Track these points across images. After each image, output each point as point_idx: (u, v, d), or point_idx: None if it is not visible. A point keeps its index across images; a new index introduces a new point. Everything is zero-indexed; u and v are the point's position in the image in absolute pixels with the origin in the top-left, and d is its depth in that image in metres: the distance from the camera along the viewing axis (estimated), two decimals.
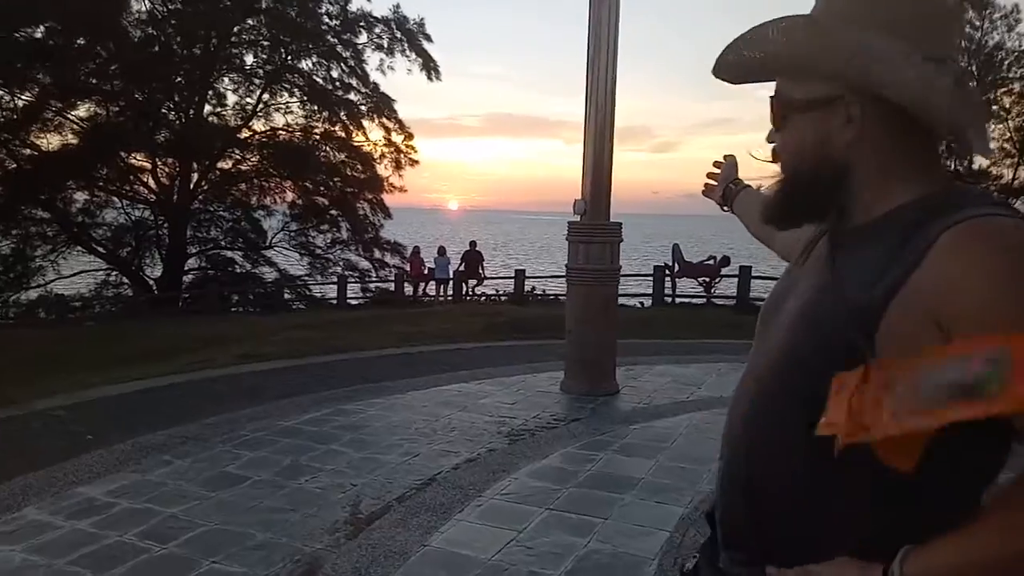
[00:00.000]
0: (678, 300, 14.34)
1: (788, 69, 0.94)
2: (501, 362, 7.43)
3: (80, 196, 19.60)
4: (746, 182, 1.56)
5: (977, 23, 16.05)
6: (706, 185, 1.63)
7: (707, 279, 15.15)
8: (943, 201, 0.86)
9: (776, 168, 0.99)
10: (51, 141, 18.88)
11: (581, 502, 3.54)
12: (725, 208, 1.57)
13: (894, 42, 0.84)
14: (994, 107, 16.09)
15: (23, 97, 17.97)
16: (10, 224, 18.55)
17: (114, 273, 20.27)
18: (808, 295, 0.95)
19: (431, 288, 18.31)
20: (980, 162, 16.55)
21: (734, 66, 0.98)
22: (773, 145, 1.00)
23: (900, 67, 0.84)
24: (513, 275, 15.99)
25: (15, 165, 18.46)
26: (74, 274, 19.80)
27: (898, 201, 0.89)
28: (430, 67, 21.33)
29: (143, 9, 19.44)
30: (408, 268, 19.30)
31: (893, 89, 0.85)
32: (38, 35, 17.61)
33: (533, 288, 17.14)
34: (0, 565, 3.07)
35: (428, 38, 21.38)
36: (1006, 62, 15.97)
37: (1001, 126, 16.38)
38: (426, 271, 18.26)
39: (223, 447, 4.62)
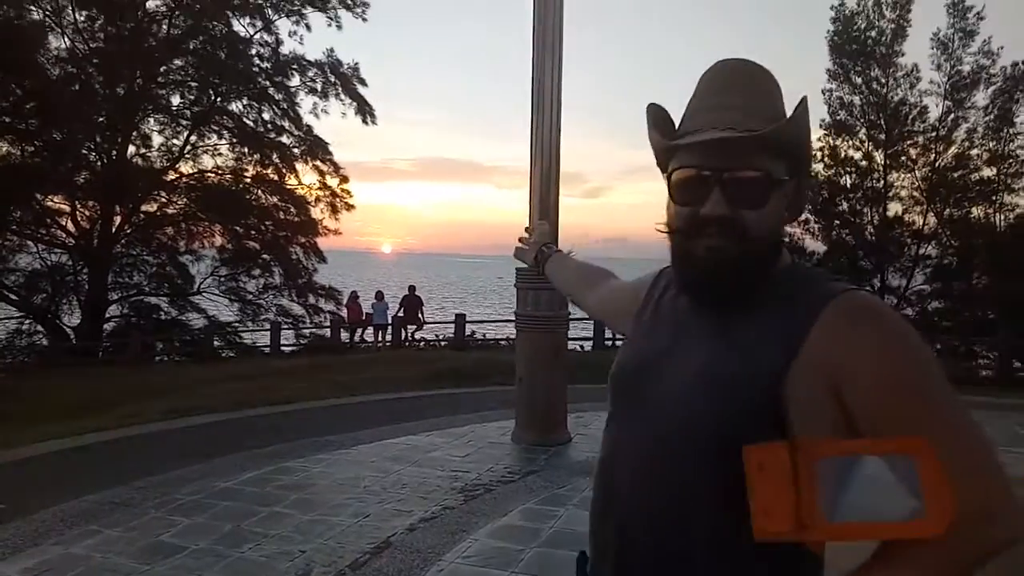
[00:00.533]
0: (618, 343, 14.49)
1: (787, 148, 0.98)
2: (447, 411, 7.26)
3: None
4: (556, 248, 1.64)
5: (883, 80, 17.18)
6: (518, 248, 1.71)
7: None
8: (801, 272, 1.01)
9: (716, 243, 0.96)
10: None
11: (547, 564, 3.41)
12: (537, 271, 1.65)
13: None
14: (902, 158, 17.12)
15: None
16: None
17: (28, 321, 19.07)
18: (704, 358, 0.97)
19: (369, 334, 17.92)
20: (895, 209, 17.51)
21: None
22: (719, 215, 0.96)
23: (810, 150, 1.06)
24: (453, 319, 15.80)
25: None
26: None
27: (781, 268, 1.01)
28: (365, 111, 21.28)
29: (62, 46, 18.79)
30: (346, 313, 18.85)
31: (808, 167, 1.06)
32: None
33: (473, 332, 17.00)
34: None
35: (363, 82, 21.37)
36: (910, 116, 17.06)
37: (909, 176, 17.41)
38: (364, 316, 17.88)
39: (156, 513, 4.29)
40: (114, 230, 19.50)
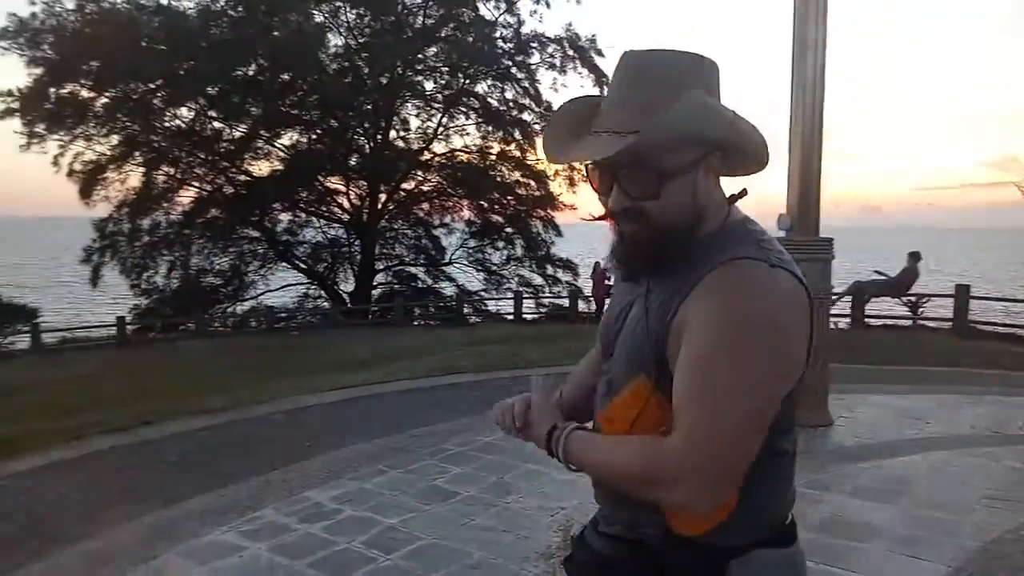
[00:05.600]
0: (877, 322, 13.10)
1: (674, 141, 1.02)
2: None
3: (284, 217, 21.67)
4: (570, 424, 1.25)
5: None
6: (503, 414, 1.31)
7: (912, 300, 13.68)
8: (726, 237, 1.06)
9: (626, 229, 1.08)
10: (261, 168, 21.05)
11: (818, 550, 3.21)
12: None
13: (716, 100, 1.05)
14: None
15: (239, 129, 20.16)
16: (228, 243, 20.86)
17: (313, 286, 22.12)
18: (631, 318, 1.13)
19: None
20: None
21: (593, 146, 1.04)
22: (623, 208, 1.06)
23: (727, 118, 1.04)
24: None
25: (232, 190, 20.73)
26: (280, 288, 21.87)
27: (706, 233, 1.07)
28: (602, 82, 21.31)
29: (339, 44, 21.17)
30: (591, 286, 19.22)
31: (733, 137, 1.06)
32: (251, 72, 19.69)
33: None
34: (251, 562, 3.30)
35: (600, 53, 21.45)
36: None
37: None
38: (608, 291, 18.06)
39: (430, 460, 4.74)
40: (379, 206, 21.79)
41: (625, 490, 1.05)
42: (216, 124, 20.06)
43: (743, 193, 1.12)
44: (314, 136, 21.09)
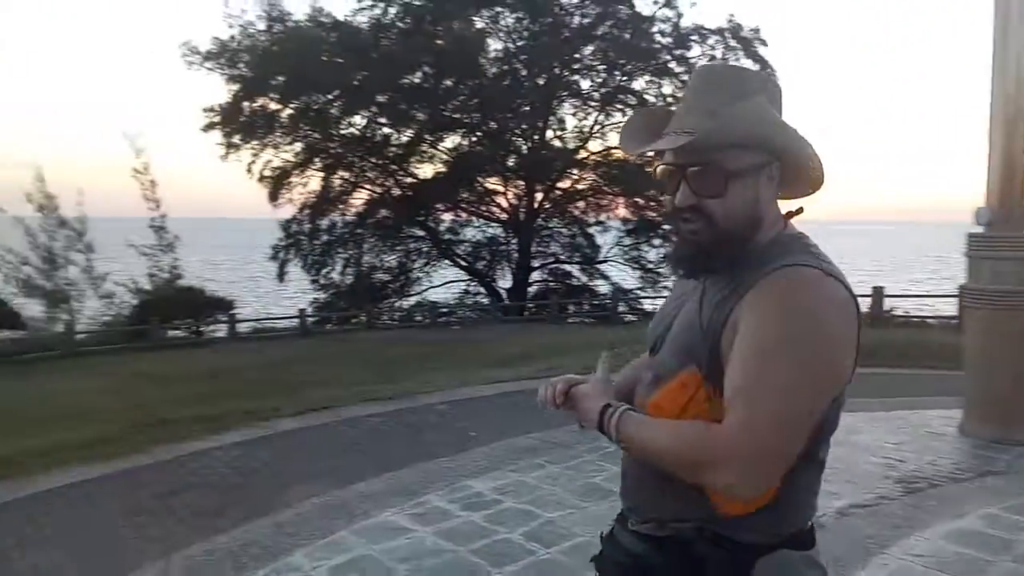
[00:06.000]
0: None
1: (739, 142, 1.10)
2: (870, 392, 6.58)
3: (447, 216, 22.63)
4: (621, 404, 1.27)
5: None
6: (553, 395, 1.33)
7: None
8: (779, 247, 1.12)
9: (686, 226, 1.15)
10: (426, 170, 22.11)
11: None
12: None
13: (777, 113, 1.14)
14: None
15: (406, 134, 21.29)
16: (396, 241, 22.14)
17: (473, 283, 22.93)
18: (685, 312, 1.19)
19: None
20: None
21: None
22: (689, 205, 1.13)
23: (788, 131, 1.13)
24: (870, 292, 14.21)
25: (399, 192, 21.96)
26: (442, 284, 22.88)
27: (761, 243, 1.14)
28: (768, 72, 20.28)
29: (498, 48, 21.74)
30: None
31: (792, 146, 1.14)
32: (417, 80, 20.71)
33: (891, 309, 15.10)
34: (418, 546, 3.48)
35: (763, 43, 20.42)
36: None
37: None
38: None
39: (587, 456, 4.75)
40: (536, 205, 22.14)
41: (674, 471, 1.09)
42: (385, 130, 21.31)
43: (800, 210, 1.20)
44: (474, 138, 21.82)
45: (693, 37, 21.04)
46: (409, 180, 22.11)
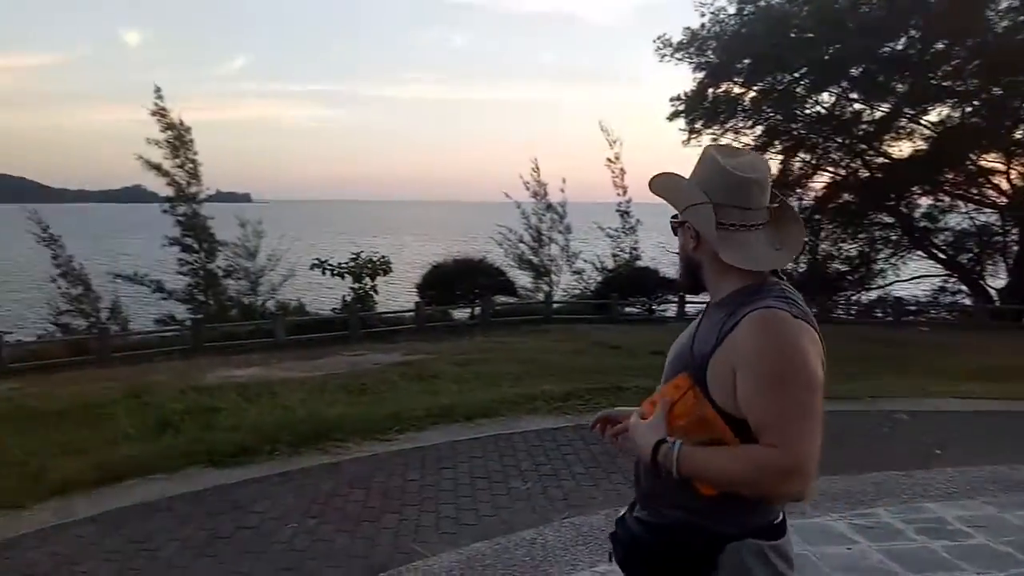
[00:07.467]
0: None
1: (672, 201, 1.57)
2: None
3: (924, 201, 19.74)
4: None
5: None
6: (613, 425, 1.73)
7: None
8: (752, 292, 1.45)
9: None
10: (902, 148, 19.58)
11: None
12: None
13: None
14: None
15: (880, 109, 19.15)
16: (858, 228, 20.22)
17: (952, 279, 19.68)
18: (683, 339, 1.58)
19: None
20: None
21: (661, 190, 1.61)
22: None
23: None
24: None
25: (867, 173, 19.94)
26: (912, 278, 20.15)
27: (730, 288, 1.49)
28: None
29: None
30: None
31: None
32: (899, 47, 18.37)
33: None
34: (860, 560, 3.24)
35: None
36: None
37: None
38: None
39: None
40: None
41: (737, 490, 1.36)
42: (856, 106, 19.51)
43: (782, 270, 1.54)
44: (969, 109, 18.47)
45: None
46: (880, 160, 19.87)
